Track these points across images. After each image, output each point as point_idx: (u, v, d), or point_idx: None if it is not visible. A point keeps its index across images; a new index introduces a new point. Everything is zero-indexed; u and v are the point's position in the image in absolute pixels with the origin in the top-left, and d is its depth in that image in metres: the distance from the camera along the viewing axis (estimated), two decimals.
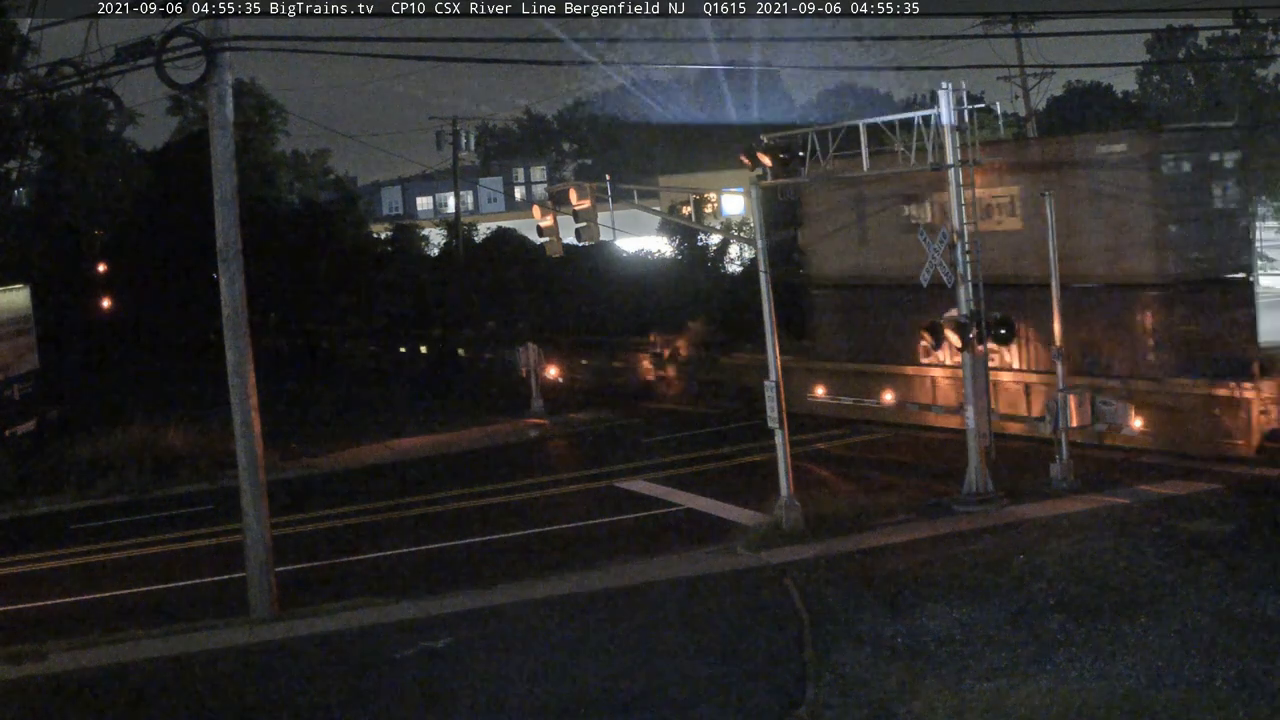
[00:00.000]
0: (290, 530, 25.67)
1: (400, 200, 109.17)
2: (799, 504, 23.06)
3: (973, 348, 23.93)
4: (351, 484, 32.42)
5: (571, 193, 26.08)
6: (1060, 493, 24.10)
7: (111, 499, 32.25)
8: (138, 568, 25.23)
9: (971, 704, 14.33)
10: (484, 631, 18.70)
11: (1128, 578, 18.41)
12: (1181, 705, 13.83)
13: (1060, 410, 24.85)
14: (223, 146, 20.40)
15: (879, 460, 29.58)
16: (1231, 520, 21.14)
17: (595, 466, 31.80)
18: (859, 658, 16.14)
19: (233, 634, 19.65)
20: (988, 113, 29.93)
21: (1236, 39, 79.92)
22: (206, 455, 33.74)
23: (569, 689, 16.01)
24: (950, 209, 24.41)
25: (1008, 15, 47.96)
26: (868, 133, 25.53)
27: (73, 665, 18.37)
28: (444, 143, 68.09)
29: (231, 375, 20.62)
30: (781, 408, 23.11)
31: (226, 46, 19.91)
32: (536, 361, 39.55)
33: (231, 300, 20.48)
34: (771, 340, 23.48)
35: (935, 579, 19.25)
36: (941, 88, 24.34)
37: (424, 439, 37.68)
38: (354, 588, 21.96)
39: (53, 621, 21.43)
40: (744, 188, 30.27)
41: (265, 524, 20.75)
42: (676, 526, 25.11)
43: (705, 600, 19.46)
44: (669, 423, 37.21)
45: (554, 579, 21.29)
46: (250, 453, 20.67)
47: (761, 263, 23.85)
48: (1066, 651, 15.66)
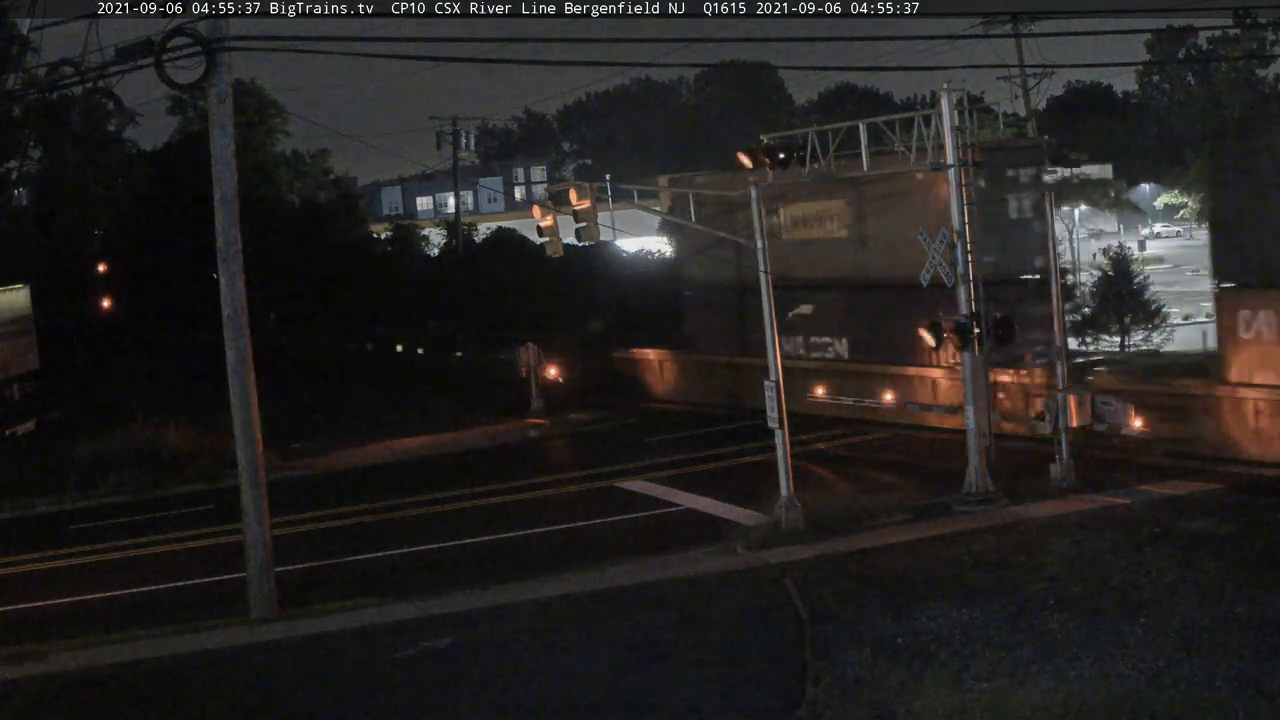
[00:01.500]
0: (290, 530, 25.66)
1: (400, 200, 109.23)
2: (799, 504, 23.06)
3: (974, 348, 23.94)
4: (351, 484, 32.41)
5: (571, 193, 26.10)
6: (1060, 493, 24.08)
7: (111, 499, 32.24)
8: (138, 568, 25.24)
9: (971, 704, 14.33)
10: (484, 631, 18.70)
11: (1128, 578, 18.41)
12: (1181, 705, 13.82)
13: (1060, 410, 24.85)
14: (223, 146, 20.40)
15: (879, 460, 29.59)
16: (1231, 520, 21.14)
17: (595, 466, 31.80)
18: (859, 658, 16.14)
19: (233, 634, 19.64)
20: (987, 112, 30.32)
21: (1236, 39, 79.91)
22: (206, 455, 33.71)
23: (569, 689, 16.01)
24: (952, 209, 24.44)
25: (1008, 15, 48.01)
26: (868, 132, 25.59)
27: (73, 665, 18.37)
28: (444, 143, 68.18)
29: (231, 375, 20.62)
30: (781, 408, 23.10)
31: (227, 46, 19.91)
32: (536, 361, 39.54)
33: (231, 300, 20.48)
34: (772, 340, 23.47)
35: (935, 579, 19.24)
36: (943, 88, 24.39)
37: (424, 439, 37.67)
38: (354, 588, 21.95)
39: (53, 621, 21.43)
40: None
41: (265, 524, 20.75)
42: (676, 526, 25.11)
43: (705, 600, 19.46)
44: (670, 423, 37.21)
45: (554, 579, 21.28)
46: (250, 453, 20.67)
47: (761, 263, 23.83)
48: (1066, 651, 15.65)
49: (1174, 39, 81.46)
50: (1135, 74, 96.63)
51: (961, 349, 24.14)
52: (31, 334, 43.91)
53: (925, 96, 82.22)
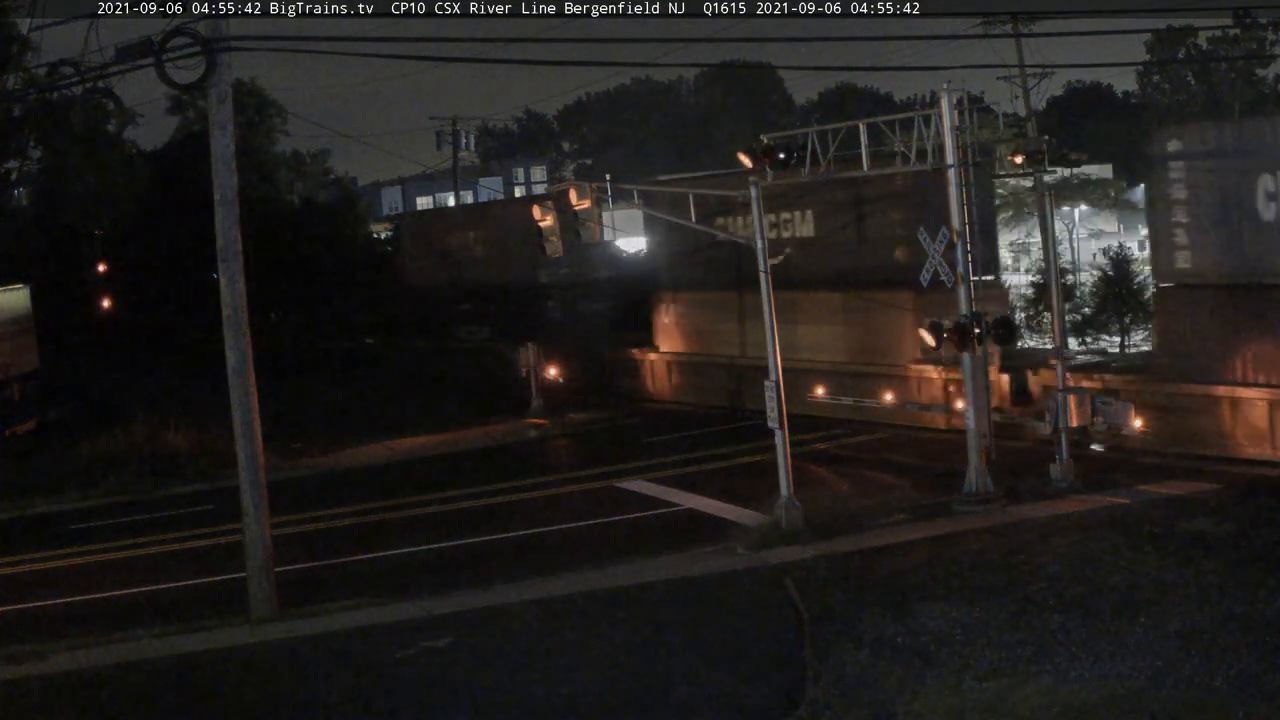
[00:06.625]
0: (290, 530, 25.65)
1: (400, 200, 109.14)
2: (799, 504, 23.07)
3: (973, 348, 23.94)
4: (351, 484, 32.40)
5: (571, 193, 26.11)
6: (1060, 493, 24.09)
7: (111, 499, 32.21)
8: (138, 568, 25.23)
9: (971, 704, 14.34)
10: (484, 631, 18.70)
11: (1128, 578, 18.41)
12: (1181, 705, 13.83)
13: (1060, 410, 24.85)
14: (223, 146, 20.40)
15: (879, 460, 29.59)
16: (1231, 520, 21.13)
17: (595, 466, 31.80)
18: (859, 658, 16.15)
19: (233, 634, 19.64)
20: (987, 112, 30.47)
21: (1236, 39, 79.90)
22: (206, 455, 33.70)
23: (569, 689, 16.02)
24: (951, 209, 24.43)
25: (1007, 15, 48.01)
26: (868, 132, 25.58)
27: (73, 665, 18.36)
28: (444, 143, 68.22)
29: (231, 375, 20.62)
30: (782, 408, 23.11)
31: (227, 46, 19.92)
32: (536, 361, 39.52)
33: (231, 300, 20.48)
34: (772, 340, 23.48)
35: (935, 579, 19.24)
36: (943, 88, 24.39)
37: (424, 439, 37.66)
38: (354, 588, 21.96)
39: (53, 621, 21.43)
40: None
41: (265, 524, 20.76)
42: (677, 526, 25.11)
43: (705, 600, 19.47)
44: (670, 423, 37.21)
45: (554, 579, 21.29)
46: (250, 453, 20.68)
47: (761, 262, 23.84)
48: (1066, 651, 15.66)
49: (1174, 39, 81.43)
50: (1135, 74, 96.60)
51: (961, 349, 24.13)
52: (31, 334, 43.90)
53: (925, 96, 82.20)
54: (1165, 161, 27.38)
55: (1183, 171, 26.95)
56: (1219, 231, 26.36)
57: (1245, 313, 25.98)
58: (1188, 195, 26.85)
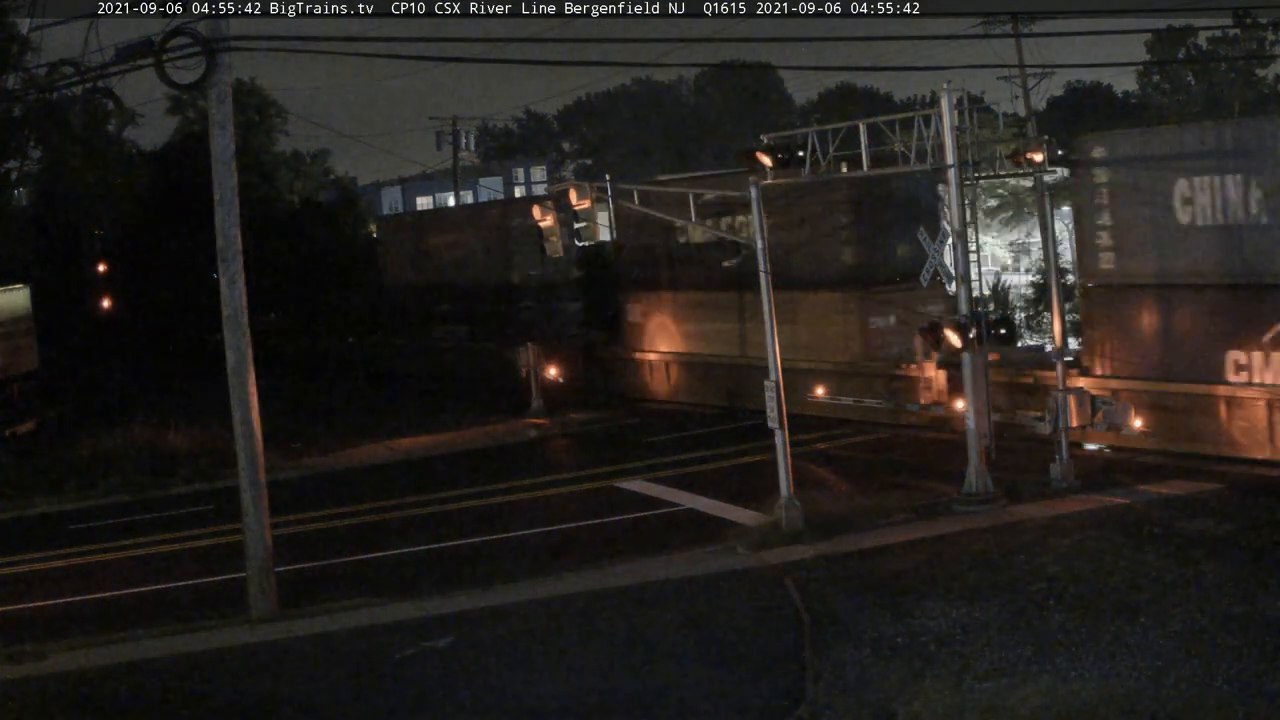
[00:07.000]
0: (290, 530, 25.65)
1: (400, 200, 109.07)
2: (799, 504, 23.07)
3: (973, 347, 23.93)
4: (351, 484, 32.40)
5: (571, 193, 26.08)
6: (1060, 493, 24.10)
7: (111, 499, 32.21)
8: (138, 568, 25.22)
9: (971, 704, 14.34)
10: (485, 631, 18.70)
11: (1128, 578, 18.41)
12: (1181, 705, 13.83)
13: (1060, 410, 24.85)
14: (223, 146, 20.39)
15: (879, 460, 29.59)
16: (1231, 520, 21.13)
17: (595, 466, 31.80)
18: (859, 658, 16.15)
19: (233, 634, 19.64)
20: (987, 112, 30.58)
21: (1236, 39, 79.83)
22: (206, 455, 33.70)
23: (569, 689, 16.03)
24: (951, 209, 24.46)
25: (1007, 15, 48.01)
26: (868, 132, 25.58)
27: (73, 665, 18.36)
28: (444, 143, 68.20)
29: (231, 375, 20.62)
30: (782, 408, 23.11)
31: (227, 46, 19.91)
32: (536, 361, 39.51)
33: (231, 300, 20.48)
34: (772, 341, 23.47)
35: (935, 579, 19.25)
36: (943, 88, 24.38)
37: (424, 439, 37.65)
38: (354, 588, 21.97)
39: (53, 621, 21.42)
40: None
41: (265, 524, 20.76)
42: (677, 526, 25.10)
43: (705, 600, 19.47)
44: (670, 423, 37.21)
45: (554, 579, 21.30)
46: (250, 453, 20.67)
47: (761, 262, 23.84)
48: (1066, 651, 15.66)
49: (1174, 39, 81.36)
50: (1135, 74, 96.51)
51: (961, 349, 24.12)
52: (31, 334, 43.92)
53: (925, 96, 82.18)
54: (1089, 167, 28.38)
55: (1106, 176, 28.01)
56: (1139, 234, 27.42)
57: (1165, 312, 27.14)
58: (1110, 199, 27.94)
